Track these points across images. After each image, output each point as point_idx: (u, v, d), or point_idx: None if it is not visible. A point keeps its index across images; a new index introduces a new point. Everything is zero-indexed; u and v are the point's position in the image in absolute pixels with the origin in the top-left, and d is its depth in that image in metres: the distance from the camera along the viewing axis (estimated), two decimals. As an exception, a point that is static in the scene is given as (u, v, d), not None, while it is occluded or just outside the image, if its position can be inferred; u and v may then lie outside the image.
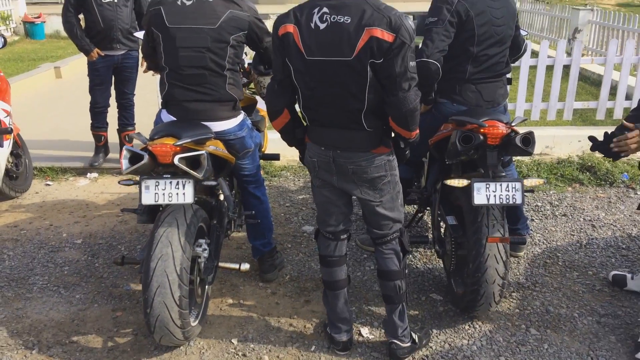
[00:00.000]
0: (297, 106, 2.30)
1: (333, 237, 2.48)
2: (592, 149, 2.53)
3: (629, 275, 2.97)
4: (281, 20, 2.13)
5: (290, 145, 2.45)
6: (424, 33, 2.68)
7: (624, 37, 8.16)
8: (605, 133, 2.45)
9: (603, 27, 9.07)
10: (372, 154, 2.21)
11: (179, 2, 2.54)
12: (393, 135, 2.27)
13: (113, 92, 4.67)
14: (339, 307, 2.50)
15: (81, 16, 4.40)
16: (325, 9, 2.03)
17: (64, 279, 3.12)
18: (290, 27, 2.08)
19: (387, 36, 1.96)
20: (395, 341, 2.46)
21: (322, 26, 2.02)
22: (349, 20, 1.98)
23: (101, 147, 4.76)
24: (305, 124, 2.34)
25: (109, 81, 4.58)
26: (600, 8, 10.18)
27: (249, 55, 3.10)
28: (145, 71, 4.72)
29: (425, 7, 3.24)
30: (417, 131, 2.21)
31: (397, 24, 1.98)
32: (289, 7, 2.18)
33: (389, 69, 2.02)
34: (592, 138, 2.54)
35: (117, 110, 4.72)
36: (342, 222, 2.46)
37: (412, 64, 2.05)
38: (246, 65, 3.07)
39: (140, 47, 4.63)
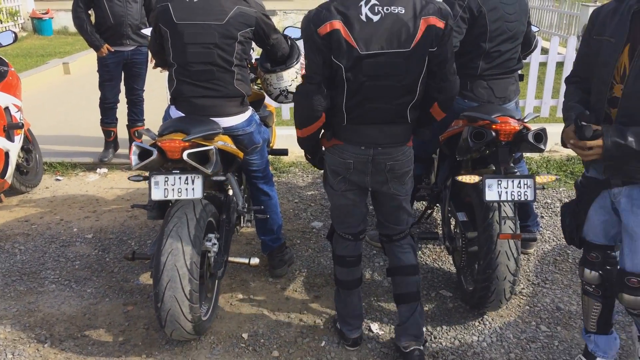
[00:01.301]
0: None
1: (353, 238, 2.45)
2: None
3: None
4: (319, 17, 2.00)
5: (310, 151, 2.39)
6: None
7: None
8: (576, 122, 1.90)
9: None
10: (407, 147, 2.26)
11: (187, -1, 2.54)
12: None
13: (122, 88, 4.69)
14: (353, 305, 2.50)
15: (91, 12, 4.42)
16: (374, 1, 1.98)
17: (75, 274, 3.14)
18: (337, 24, 1.97)
19: (440, 24, 2.02)
20: (417, 347, 2.37)
21: (375, 18, 1.97)
22: (404, 11, 1.98)
23: (111, 142, 4.78)
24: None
25: (119, 77, 4.59)
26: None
27: (256, 51, 3.09)
28: (154, 67, 4.73)
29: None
30: None
31: (445, 11, 2.06)
32: (296, 3, 2.17)
33: (442, 55, 2.08)
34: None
35: (127, 106, 4.74)
36: (362, 222, 2.44)
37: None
38: (254, 61, 3.07)
39: (149, 43, 4.67)
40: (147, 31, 2.93)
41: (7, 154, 3.67)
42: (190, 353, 2.50)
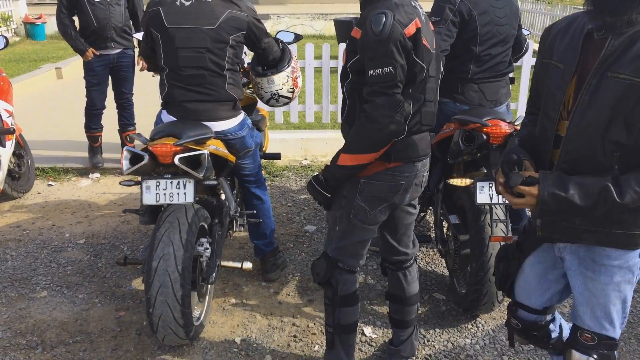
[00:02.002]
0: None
1: (359, 269, 2.24)
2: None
3: None
4: (403, 15, 1.79)
5: (339, 182, 2.00)
6: None
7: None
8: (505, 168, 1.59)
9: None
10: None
11: (177, 3, 2.54)
12: None
13: (110, 94, 4.67)
14: (353, 347, 2.27)
15: (75, 17, 4.40)
16: None
17: (67, 279, 3.12)
18: (418, 22, 1.83)
19: None
20: None
21: (424, 18, 1.90)
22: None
23: (98, 147, 4.76)
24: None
25: (106, 81, 4.58)
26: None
27: (248, 55, 3.10)
28: (141, 69, 4.75)
29: (427, 6, 3.24)
30: None
31: None
32: (289, 7, 2.10)
33: None
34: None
35: (117, 110, 4.72)
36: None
37: None
38: (246, 65, 3.07)
39: (139, 47, 4.68)
40: (139, 35, 2.93)
41: (-2, 160, 3.65)
42: (182, 358, 2.49)
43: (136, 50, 4.65)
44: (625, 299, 1.58)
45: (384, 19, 1.75)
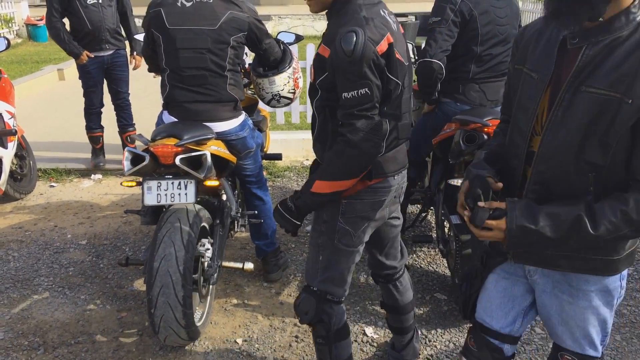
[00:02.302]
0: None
1: (344, 298, 2.05)
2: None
3: None
4: (374, 31, 1.65)
5: (315, 208, 1.90)
6: (427, 33, 2.69)
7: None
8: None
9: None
10: None
11: (178, 4, 2.54)
12: None
13: (107, 95, 4.68)
14: None
15: (65, 20, 4.40)
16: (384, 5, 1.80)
17: (69, 280, 3.12)
18: (390, 37, 1.69)
19: None
20: None
21: (395, 29, 1.78)
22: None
23: (99, 149, 4.76)
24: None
25: (102, 82, 4.60)
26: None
27: (249, 56, 3.10)
28: (134, 68, 4.77)
29: (428, 7, 3.24)
30: None
31: None
32: (290, 8, 2.01)
33: None
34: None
35: (115, 112, 4.73)
36: None
37: None
38: (247, 66, 3.08)
39: (130, 47, 4.69)
40: (140, 36, 2.94)
41: (0, 161, 3.67)
42: (184, 359, 2.49)
43: (129, 50, 4.68)
44: (605, 320, 1.47)
45: (354, 38, 1.63)
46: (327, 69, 1.72)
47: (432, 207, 3.25)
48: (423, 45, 2.67)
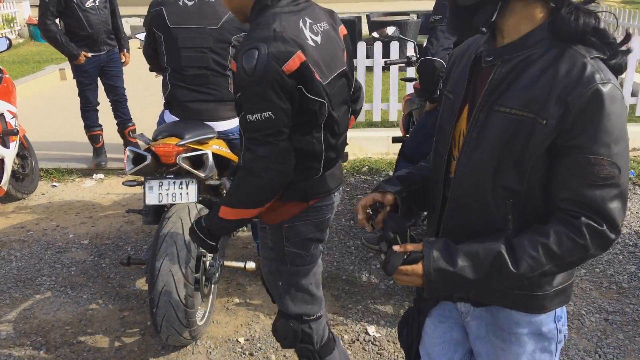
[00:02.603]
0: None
1: (322, 312, 1.94)
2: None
3: None
4: (280, 47, 1.48)
5: (229, 232, 1.81)
6: (428, 31, 2.68)
7: (629, 33, 8.11)
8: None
9: (608, 24, 9.03)
10: None
11: (180, 3, 2.54)
12: None
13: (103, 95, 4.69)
14: None
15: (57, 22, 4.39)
16: (310, 20, 1.63)
17: (71, 280, 3.13)
18: (302, 55, 1.52)
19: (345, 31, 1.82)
20: None
21: (319, 39, 1.62)
22: (328, 26, 1.71)
23: (100, 148, 4.76)
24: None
25: (97, 80, 4.62)
26: (605, 5, 10.13)
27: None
28: (124, 64, 4.80)
29: (429, 5, 3.23)
30: None
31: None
32: None
33: (351, 65, 1.86)
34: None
35: (112, 109, 4.74)
36: None
37: None
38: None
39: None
40: (141, 35, 2.94)
41: (2, 161, 3.67)
42: (186, 358, 2.49)
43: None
44: None
45: (256, 55, 1.46)
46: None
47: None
48: (425, 44, 2.66)
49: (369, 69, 5.35)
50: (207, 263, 2.55)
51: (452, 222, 1.29)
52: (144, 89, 6.43)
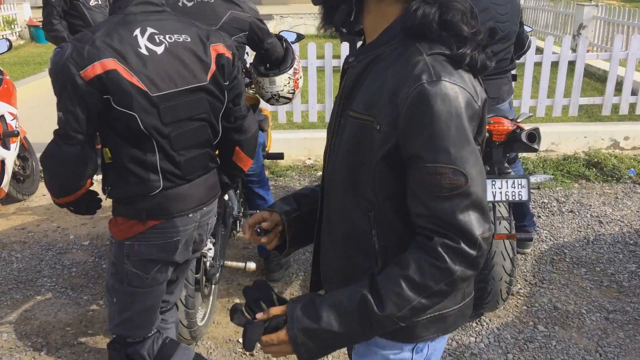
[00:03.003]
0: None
1: (151, 333, 1.91)
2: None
3: None
4: (88, 52, 1.53)
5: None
6: None
7: (629, 33, 8.11)
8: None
9: (608, 23, 9.02)
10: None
11: (179, 4, 2.54)
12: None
13: None
14: None
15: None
16: (151, 29, 1.65)
17: (72, 281, 3.13)
18: (117, 63, 1.55)
19: (228, 53, 1.79)
20: None
21: (159, 50, 1.64)
22: (189, 39, 1.72)
23: (100, 148, 4.75)
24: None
25: None
26: (604, 4, 10.13)
27: (251, 55, 3.10)
28: None
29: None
30: None
31: (230, 41, 1.84)
32: (292, 7, 1.99)
33: (237, 88, 1.84)
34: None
35: None
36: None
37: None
38: (248, 66, 3.08)
39: None
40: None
41: (3, 162, 3.67)
42: (187, 358, 2.49)
43: None
44: None
45: (58, 54, 1.50)
46: None
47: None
48: None
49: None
50: (208, 264, 2.55)
51: (326, 236, 1.19)
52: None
